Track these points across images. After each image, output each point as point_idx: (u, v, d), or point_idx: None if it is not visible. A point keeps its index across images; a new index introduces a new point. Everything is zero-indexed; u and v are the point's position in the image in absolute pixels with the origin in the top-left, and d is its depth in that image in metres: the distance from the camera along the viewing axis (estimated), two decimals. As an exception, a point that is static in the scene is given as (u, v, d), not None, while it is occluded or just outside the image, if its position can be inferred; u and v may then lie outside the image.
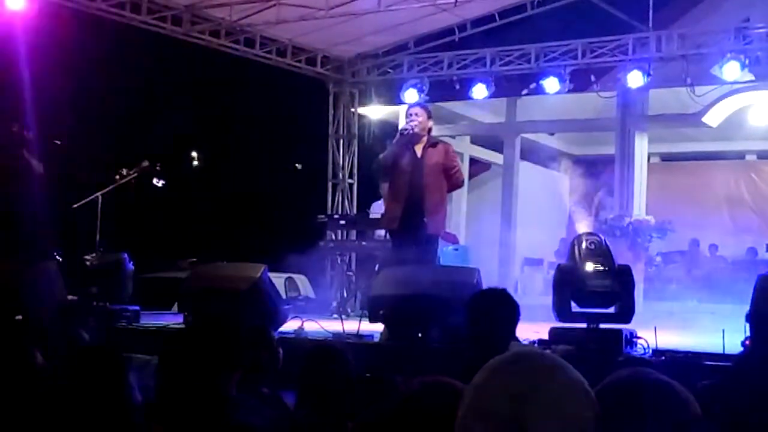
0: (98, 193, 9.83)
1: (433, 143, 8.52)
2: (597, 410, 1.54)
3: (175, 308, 9.39)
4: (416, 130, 8.38)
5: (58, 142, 16.45)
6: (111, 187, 9.99)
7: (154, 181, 11.95)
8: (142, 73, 21.25)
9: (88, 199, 9.85)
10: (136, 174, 10.13)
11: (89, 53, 19.81)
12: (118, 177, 10.08)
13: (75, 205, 9.99)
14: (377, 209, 12.26)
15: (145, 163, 10.46)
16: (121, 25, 11.89)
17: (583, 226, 12.78)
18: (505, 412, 1.47)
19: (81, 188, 10.48)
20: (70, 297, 8.10)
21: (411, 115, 8.52)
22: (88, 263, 9.15)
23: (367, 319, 7.63)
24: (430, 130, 8.59)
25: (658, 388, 1.69)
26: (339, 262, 12.86)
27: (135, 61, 19.93)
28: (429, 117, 8.57)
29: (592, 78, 12.85)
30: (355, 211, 14.30)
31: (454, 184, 8.68)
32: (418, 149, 8.43)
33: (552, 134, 18.02)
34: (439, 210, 8.44)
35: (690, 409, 1.67)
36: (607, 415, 1.68)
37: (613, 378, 1.75)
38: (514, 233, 15.46)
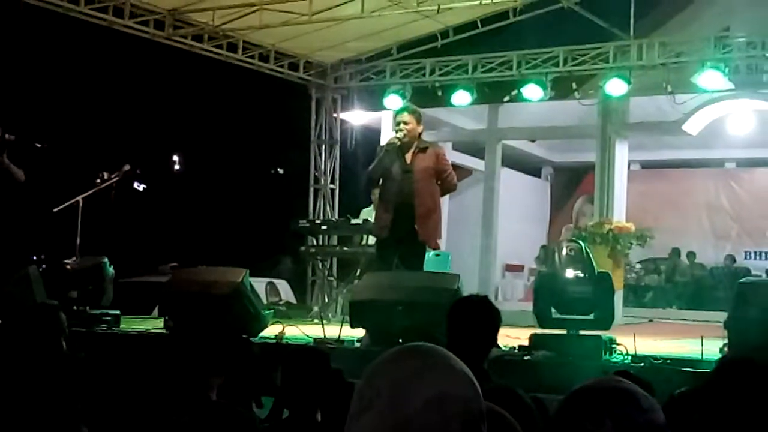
0: (79, 197, 9.76)
1: (422, 148, 8.34)
2: (482, 401, 1.55)
3: (155, 313, 9.36)
4: (405, 139, 8.26)
5: (39, 145, 16.37)
6: (92, 190, 9.93)
7: (135, 184, 11.90)
8: (123, 77, 21.21)
9: (68, 203, 9.79)
10: (117, 178, 10.06)
11: (71, 57, 19.77)
12: (98, 180, 10.01)
13: (55, 209, 9.93)
14: (367, 216, 12.25)
15: (127, 167, 10.40)
16: (103, 28, 11.85)
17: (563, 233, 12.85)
18: (387, 402, 1.49)
19: (61, 192, 10.42)
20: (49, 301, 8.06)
21: (399, 123, 8.35)
22: (68, 267, 9.11)
23: (349, 325, 7.64)
24: (420, 134, 8.39)
25: (618, 395, 1.71)
26: (320, 267, 12.86)
27: (116, 65, 19.88)
28: (418, 122, 8.36)
29: (574, 85, 12.89)
30: (336, 216, 14.29)
31: (447, 188, 8.55)
32: (408, 156, 8.29)
33: (533, 141, 18.09)
34: (430, 216, 8.27)
35: (650, 417, 1.68)
36: (569, 423, 1.71)
37: (577, 387, 1.77)
38: (495, 239, 15.51)
